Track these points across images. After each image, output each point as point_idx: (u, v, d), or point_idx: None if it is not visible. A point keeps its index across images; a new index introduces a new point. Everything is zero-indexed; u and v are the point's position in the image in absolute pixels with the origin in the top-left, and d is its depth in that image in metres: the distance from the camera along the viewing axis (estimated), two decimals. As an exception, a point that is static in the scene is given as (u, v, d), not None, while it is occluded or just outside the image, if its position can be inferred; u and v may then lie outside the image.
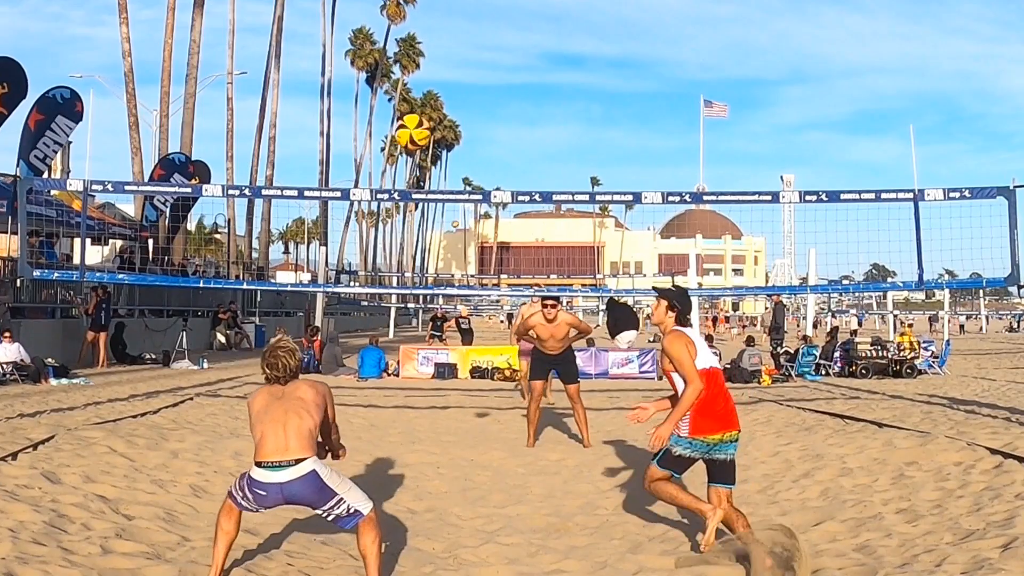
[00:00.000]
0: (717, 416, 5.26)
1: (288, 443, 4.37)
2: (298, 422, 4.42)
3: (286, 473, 4.35)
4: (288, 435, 4.38)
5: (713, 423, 5.24)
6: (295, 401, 4.49)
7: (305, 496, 4.42)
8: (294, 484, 4.37)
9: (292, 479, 4.36)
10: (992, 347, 35.42)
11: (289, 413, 4.44)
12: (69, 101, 20.74)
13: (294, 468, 4.36)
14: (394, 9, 61.16)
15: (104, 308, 18.84)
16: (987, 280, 12.55)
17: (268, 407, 4.48)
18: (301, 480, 4.36)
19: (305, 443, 4.41)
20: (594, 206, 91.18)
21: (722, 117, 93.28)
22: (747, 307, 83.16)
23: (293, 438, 4.38)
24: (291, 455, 4.36)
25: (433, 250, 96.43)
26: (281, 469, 4.36)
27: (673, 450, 5.24)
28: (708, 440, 5.24)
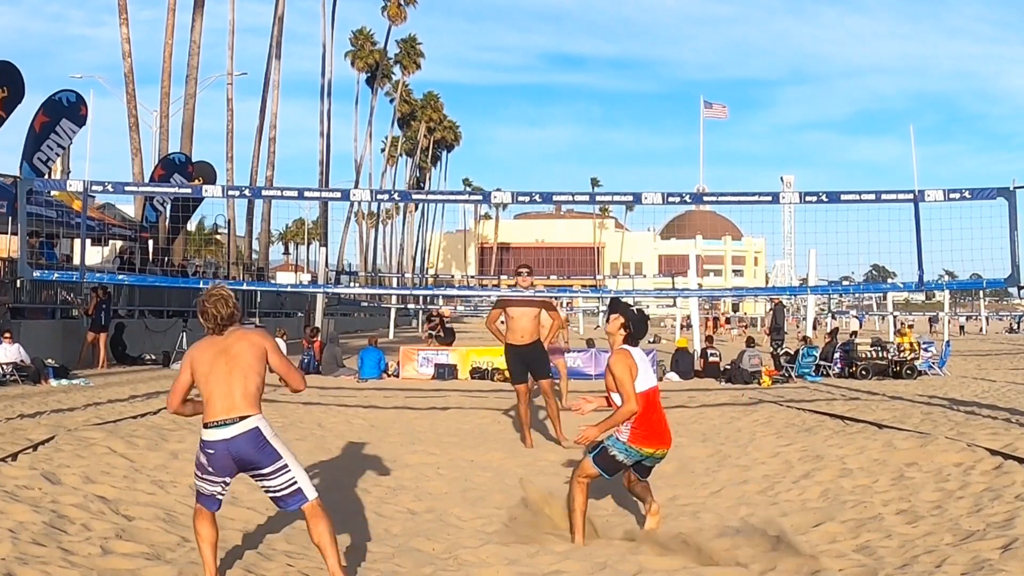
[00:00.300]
0: (653, 432, 5.60)
1: (234, 403, 4.46)
2: (243, 383, 4.50)
3: (231, 429, 4.43)
4: (234, 395, 4.47)
5: (650, 438, 5.59)
6: (237, 361, 4.54)
7: (250, 454, 4.45)
8: (238, 440, 4.43)
9: (236, 435, 4.43)
10: (992, 348, 35.42)
11: (233, 374, 4.51)
12: (74, 105, 20.75)
13: (238, 424, 4.44)
14: (395, 10, 61.19)
15: (104, 309, 18.85)
16: (987, 281, 12.54)
17: (213, 367, 4.52)
18: (245, 436, 4.43)
19: (250, 402, 4.50)
20: (594, 207, 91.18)
21: (722, 118, 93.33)
22: (747, 308, 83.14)
23: (239, 397, 4.47)
24: (236, 412, 4.45)
25: (433, 251, 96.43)
26: (226, 426, 4.43)
27: (610, 450, 5.57)
28: (643, 451, 5.60)
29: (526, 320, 9.39)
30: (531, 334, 9.40)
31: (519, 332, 9.40)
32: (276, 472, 4.48)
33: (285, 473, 4.49)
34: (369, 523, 6.21)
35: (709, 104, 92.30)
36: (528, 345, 9.39)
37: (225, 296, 4.70)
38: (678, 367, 19.51)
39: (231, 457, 4.45)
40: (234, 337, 4.62)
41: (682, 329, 31.74)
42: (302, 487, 4.51)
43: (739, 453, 8.78)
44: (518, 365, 9.47)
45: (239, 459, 4.47)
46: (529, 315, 9.40)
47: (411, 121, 79.43)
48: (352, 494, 7.03)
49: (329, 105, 49.20)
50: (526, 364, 9.45)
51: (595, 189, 79.93)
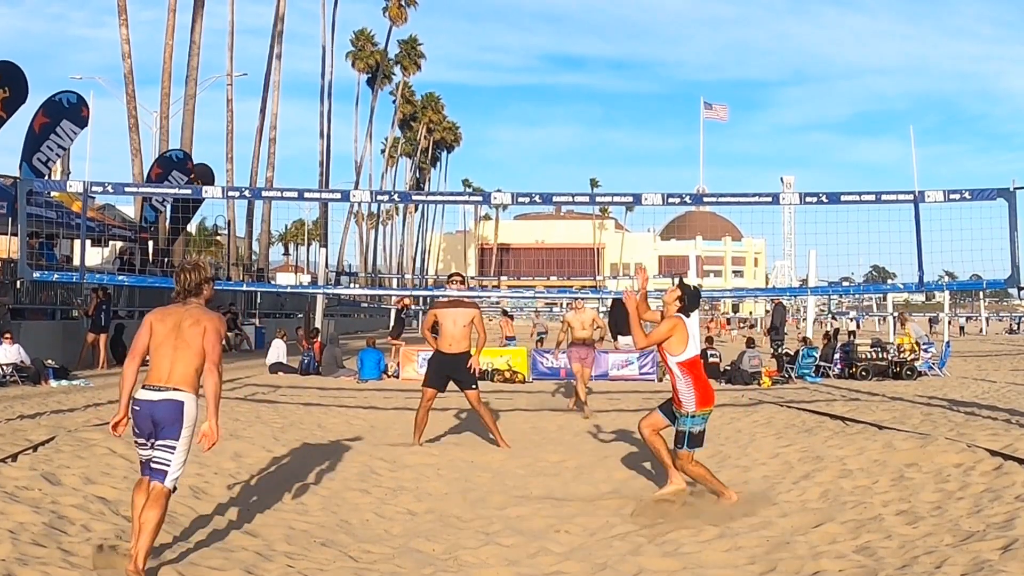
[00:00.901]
0: (707, 393, 6.68)
1: (170, 376, 4.85)
2: (184, 364, 4.87)
3: (160, 395, 4.83)
4: (174, 370, 4.86)
5: (706, 399, 6.65)
6: (185, 343, 4.90)
7: (164, 419, 4.79)
8: (161, 405, 4.81)
9: (162, 399, 4.81)
10: (992, 349, 35.42)
11: (178, 351, 4.89)
12: (75, 106, 20.74)
13: (169, 393, 4.82)
14: (396, 11, 61.21)
15: (104, 309, 18.85)
16: (987, 282, 12.55)
17: (164, 341, 4.92)
18: (168, 403, 4.81)
19: (185, 381, 4.86)
20: (594, 208, 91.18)
21: (721, 120, 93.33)
22: (747, 308, 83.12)
23: (177, 374, 4.85)
24: (169, 384, 4.84)
25: (433, 251, 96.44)
26: (158, 391, 4.83)
27: (691, 430, 6.56)
28: (706, 413, 6.65)
29: (456, 328, 9.46)
30: (460, 343, 9.45)
31: (448, 339, 9.47)
32: (166, 443, 4.80)
33: (169, 452, 4.80)
34: (369, 524, 6.21)
35: (709, 105, 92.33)
36: (456, 354, 9.44)
37: (198, 266, 5.15)
38: (678, 368, 19.49)
39: (151, 416, 4.80)
40: (190, 318, 4.96)
41: None
42: (168, 470, 4.81)
43: (739, 454, 8.77)
44: (438, 371, 9.53)
45: (156, 418, 4.80)
46: (459, 323, 9.46)
47: (412, 122, 79.46)
48: (352, 495, 7.03)
49: (329, 106, 49.26)
50: (449, 373, 9.49)
51: (594, 190, 79.99)
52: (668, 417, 6.80)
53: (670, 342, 6.59)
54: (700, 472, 6.60)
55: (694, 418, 6.56)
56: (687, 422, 6.57)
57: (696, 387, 6.58)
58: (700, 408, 6.57)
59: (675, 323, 6.60)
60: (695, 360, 6.66)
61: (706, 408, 6.62)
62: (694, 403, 6.55)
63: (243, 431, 10.15)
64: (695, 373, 6.63)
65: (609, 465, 8.44)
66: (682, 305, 6.68)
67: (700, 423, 6.59)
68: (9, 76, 18.33)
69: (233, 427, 10.41)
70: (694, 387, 6.57)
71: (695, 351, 6.67)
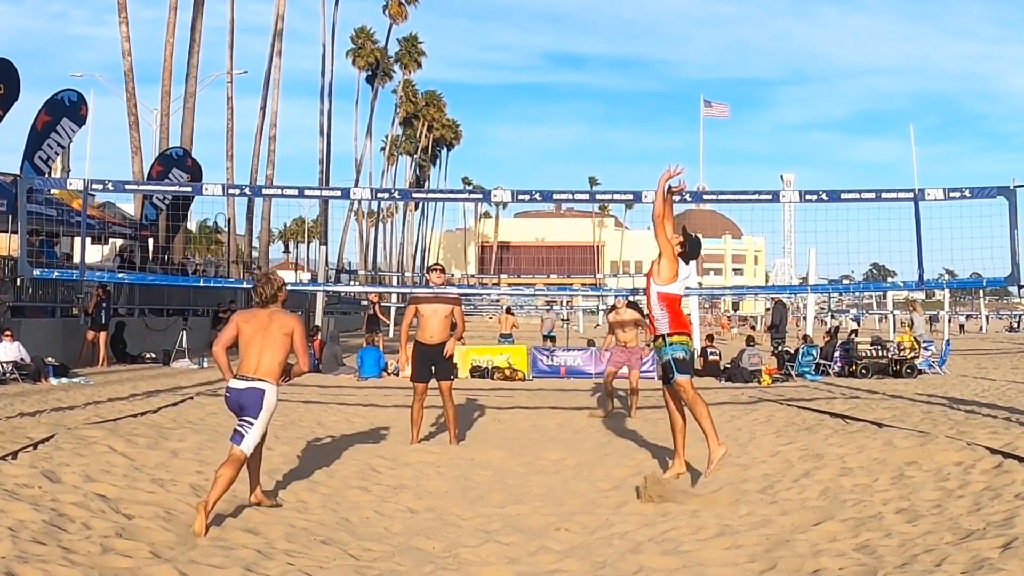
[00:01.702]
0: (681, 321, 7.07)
1: (259, 368, 6.05)
2: (269, 357, 6.06)
3: (247, 384, 6.04)
4: (261, 362, 6.05)
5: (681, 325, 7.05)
6: (270, 341, 6.08)
7: (249, 403, 6.01)
8: (247, 392, 6.02)
9: (247, 388, 6.03)
10: (992, 347, 35.42)
11: (264, 349, 6.07)
12: (75, 104, 20.76)
13: (254, 383, 6.03)
14: (396, 8, 61.14)
15: (104, 307, 18.86)
16: (987, 280, 12.55)
17: (252, 339, 6.11)
18: (252, 391, 6.01)
19: (268, 372, 6.05)
20: (594, 205, 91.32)
21: (723, 117, 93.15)
22: (747, 307, 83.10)
23: (263, 367, 6.04)
24: (257, 375, 6.04)
25: (433, 249, 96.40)
26: (246, 381, 6.04)
27: (675, 356, 6.92)
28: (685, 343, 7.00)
29: (436, 320, 9.50)
30: (440, 334, 9.49)
31: (428, 331, 9.50)
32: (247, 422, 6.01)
33: (249, 428, 6.00)
34: (369, 521, 6.21)
35: (709, 103, 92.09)
36: (435, 345, 9.48)
37: (270, 279, 6.36)
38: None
39: (238, 402, 6.05)
40: (275, 319, 6.16)
41: None
42: (246, 437, 5.97)
43: (739, 452, 8.78)
44: (422, 364, 9.54)
45: (241, 403, 6.03)
46: (439, 315, 9.50)
47: (413, 120, 79.42)
48: (352, 493, 7.04)
49: (330, 104, 49.17)
50: (430, 363, 9.51)
51: (594, 188, 79.93)
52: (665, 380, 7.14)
53: (659, 268, 7.04)
54: (700, 406, 6.85)
55: (672, 345, 6.94)
56: (667, 350, 6.95)
57: (671, 316, 6.97)
58: (674, 330, 6.94)
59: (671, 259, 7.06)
60: (676, 297, 7.07)
61: (680, 332, 6.96)
62: (667, 325, 6.96)
63: (243, 429, 10.15)
64: (672, 308, 7.01)
65: (609, 463, 8.44)
66: (683, 250, 7.13)
67: (680, 349, 6.93)
68: (4, 73, 18.31)
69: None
70: (668, 316, 6.97)
71: (678, 291, 7.09)
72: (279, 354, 6.07)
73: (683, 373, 6.94)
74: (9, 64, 18.45)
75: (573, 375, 19.51)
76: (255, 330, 6.10)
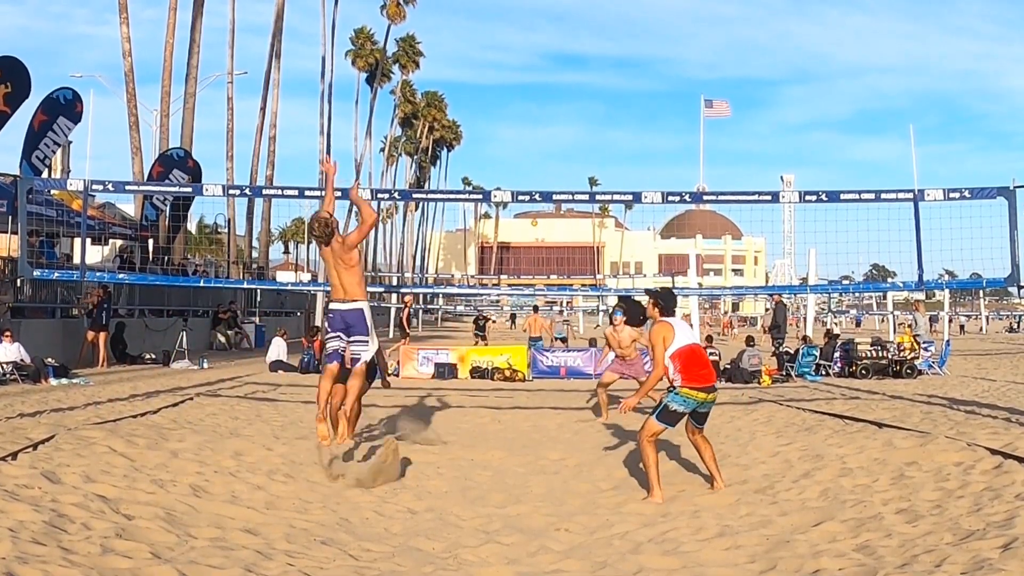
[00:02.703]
0: (699, 374, 6.87)
1: (347, 291, 7.68)
2: (348, 279, 7.66)
3: (345, 305, 7.69)
4: (346, 287, 7.66)
5: (696, 378, 6.85)
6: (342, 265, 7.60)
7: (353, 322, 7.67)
8: (350, 313, 7.68)
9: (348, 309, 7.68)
10: (992, 347, 35.41)
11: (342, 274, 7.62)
12: (71, 102, 20.76)
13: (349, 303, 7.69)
14: (394, 9, 61.09)
15: (105, 308, 18.85)
16: (987, 280, 12.54)
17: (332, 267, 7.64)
18: (354, 312, 7.67)
19: (355, 291, 7.70)
20: (594, 206, 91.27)
21: (724, 116, 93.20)
22: (747, 307, 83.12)
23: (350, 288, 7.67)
24: (349, 297, 7.68)
25: (433, 250, 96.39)
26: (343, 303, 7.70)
27: (670, 405, 6.87)
28: (696, 397, 6.86)
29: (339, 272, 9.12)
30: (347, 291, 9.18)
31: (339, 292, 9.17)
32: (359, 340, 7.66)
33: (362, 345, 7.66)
34: (369, 522, 6.21)
35: (709, 103, 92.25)
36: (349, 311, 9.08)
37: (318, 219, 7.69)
38: (678, 366, 19.48)
39: (343, 321, 7.66)
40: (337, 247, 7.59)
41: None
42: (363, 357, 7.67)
43: (739, 452, 8.78)
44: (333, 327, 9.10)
45: (348, 322, 7.66)
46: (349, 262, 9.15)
47: (413, 120, 79.40)
48: (352, 493, 7.03)
49: (329, 104, 49.19)
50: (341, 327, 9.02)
51: (594, 188, 79.92)
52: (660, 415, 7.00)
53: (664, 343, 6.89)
54: (648, 452, 6.87)
55: (676, 394, 6.86)
56: (669, 396, 6.92)
57: (684, 370, 6.83)
58: (686, 383, 6.82)
59: (661, 327, 6.96)
60: (683, 349, 6.87)
61: (693, 387, 6.82)
62: (680, 379, 6.85)
63: (243, 429, 10.16)
64: (684, 360, 6.85)
65: (609, 463, 8.44)
66: (662, 309, 7.14)
67: (681, 402, 6.85)
68: (10, 71, 18.30)
69: (233, 426, 10.42)
70: (682, 370, 6.84)
71: (685, 341, 6.92)
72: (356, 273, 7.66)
73: (659, 418, 6.88)
74: (16, 62, 18.45)
75: (573, 375, 19.51)
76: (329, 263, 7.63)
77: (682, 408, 6.87)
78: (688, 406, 6.88)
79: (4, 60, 18.37)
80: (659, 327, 6.96)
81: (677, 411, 6.88)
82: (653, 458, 6.88)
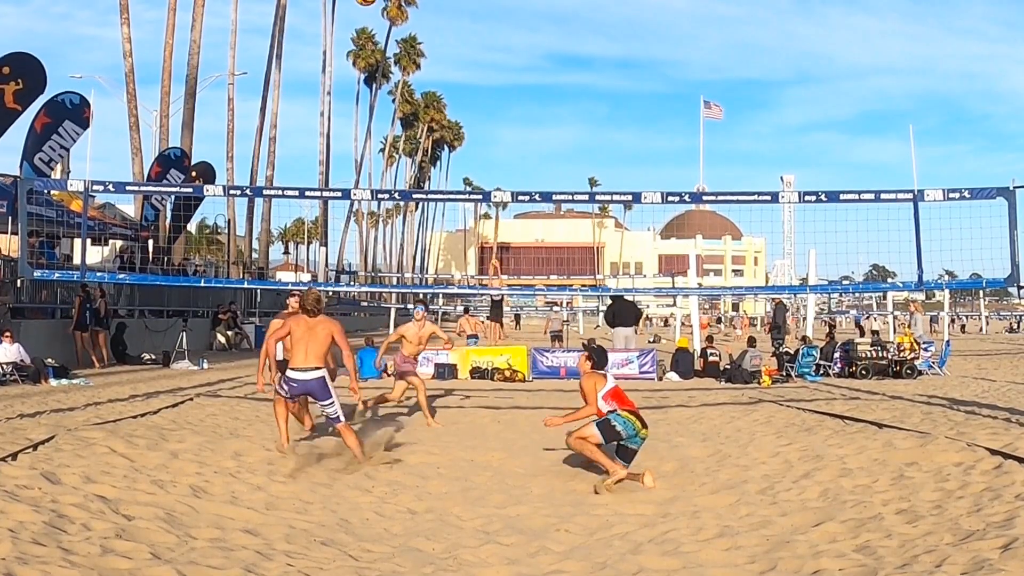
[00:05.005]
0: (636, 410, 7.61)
1: (309, 359, 7.98)
2: (317, 349, 7.99)
3: (307, 374, 7.99)
4: (310, 354, 7.99)
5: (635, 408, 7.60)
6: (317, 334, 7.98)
7: (314, 391, 8.05)
8: (312, 383, 8.00)
9: (309, 379, 8.00)
10: (992, 348, 35.40)
11: (311, 343, 7.96)
12: (78, 107, 20.69)
13: (311, 372, 7.99)
14: (395, 11, 61.13)
15: (88, 308, 18.72)
16: (987, 281, 12.54)
17: (303, 336, 7.97)
18: (314, 381, 7.99)
19: (320, 361, 8.00)
20: (594, 207, 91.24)
21: (717, 119, 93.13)
22: (747, 308, 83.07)
23: (313, 357, 7.98)
24: (310, 365, 7.98)
25: (433, 250, 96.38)
26: (305, 372, 7.98)
27: (611, 421, 7.39)
28: (634, 425, 7.45)
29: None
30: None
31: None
32: (327, 405, 8.01)
33: (332, 406, 7.99)
34: (369, 523, 6.21)
35: (708, 104, 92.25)
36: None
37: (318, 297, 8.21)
38: (678, 367, 19.51)
39: (302, 389, 8.07)
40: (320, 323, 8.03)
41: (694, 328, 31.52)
42: (338, 416, 7.99)
43: (739, 453, 8.78)
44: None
45: (307, 391, 8.10)
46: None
47: (414, 121, 79.41)
48: (352, 494, 7.04)
49: (329, 105, 49.23)
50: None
51: (593, 189, 79.93)
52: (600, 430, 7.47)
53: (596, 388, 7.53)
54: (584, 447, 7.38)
55: (618, 415, 7.41)
56: (612, 414, 7.42)
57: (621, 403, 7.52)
58: (623, 407, 7.47)
59: (591, 378, 7.61)
60: (613, 390, 7.55)
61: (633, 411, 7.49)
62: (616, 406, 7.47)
63: (243, 430, 10.16)
64: (617, 397, 7.54)
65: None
66: (593, 364, 7.72)
67: (622, 423, 7.38)
68: (22, 67, 18.23)
69: (233, 426, 10.42)
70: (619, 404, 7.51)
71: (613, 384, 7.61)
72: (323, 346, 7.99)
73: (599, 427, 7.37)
74: (28, 58, 18.36)
75: (573, 376, 19.49)
76: (304, 331, 7.97)
77: (621, 428, 7.37)
78: (627, 428, 7.39)
79: (13, 57, 18.27)
80: (591, 376, 7.63)
81: (616, 429, 7.36)
82: (591, 448, 7.34)
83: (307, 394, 8.11)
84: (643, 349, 20.85)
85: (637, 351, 20.01)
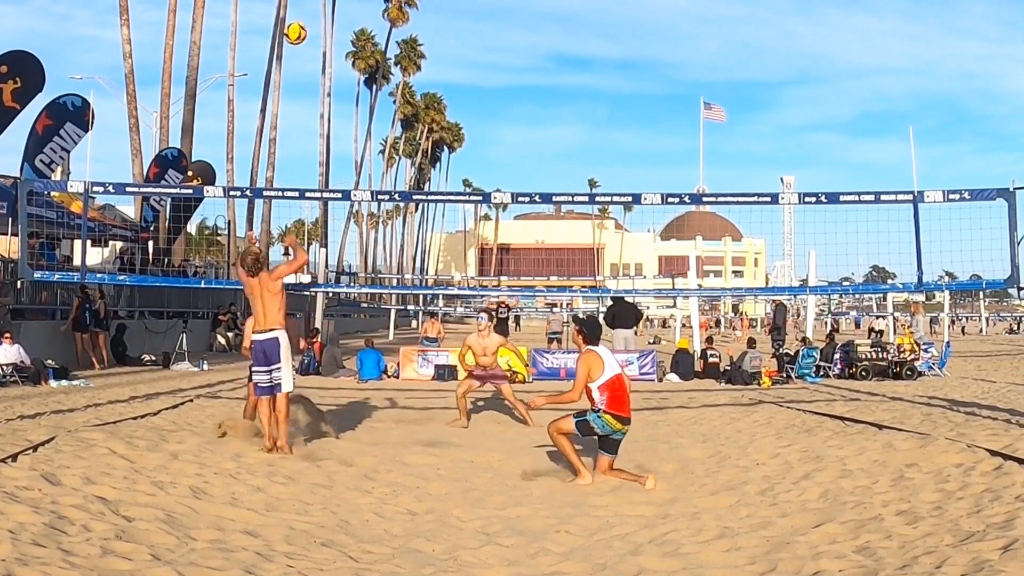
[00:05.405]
0: (620, 403, 7.37)
1: (268, 321, 8.24)
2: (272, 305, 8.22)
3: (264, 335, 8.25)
4: (268, 316, 8.23)
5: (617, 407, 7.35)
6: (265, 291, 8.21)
7: (270, 350, 8.18)
8: (267, 342, 8.20)
9: (267, 339, 8.23)
10: (992, 349, 35.41)
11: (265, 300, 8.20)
12: (80, 109, 20.71)
13: (267, 333, 8.25)
14: (396, 12, 61.15)
15: (87, 309, 18.73)
16: (987, 282, 12.55)
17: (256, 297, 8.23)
18: (270, 340, 8.21)
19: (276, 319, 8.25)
20: (594, 208, 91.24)
21: (719, 120, 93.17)
22: (747, 308, 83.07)
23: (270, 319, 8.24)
24: (268, 327, 8.25)
25: (433, 252, 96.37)
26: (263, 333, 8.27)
27: (589, 420, 7.38)
28: (612, 425, 7.37)
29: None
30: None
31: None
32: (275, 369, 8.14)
33: (279, 372, 8.14)
34: (369, 524, 6.21)
35: (708, 105, 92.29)
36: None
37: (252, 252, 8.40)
38: (678, 368, 19.52)
39: (262, 349, 8.19)
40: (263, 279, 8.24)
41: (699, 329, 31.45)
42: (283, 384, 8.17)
43: (739, 454, 8.78)
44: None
45: (264, 351, 8.18)
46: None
47: (414, 122, 79.42)
48: (352, 495, 7.03)
49: (329, 106, 49.26)
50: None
51: (593, 190, 79.94)
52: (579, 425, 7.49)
53: (590, 375, 7.35)
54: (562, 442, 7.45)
55: (598, 416, 7.35)
56: (591, 414, 7.39)
57: (610, 399, 7.33)
58: (609, 410, 7.32)
59: (587, 357, 7.43)
60: (612, 380, 7.36)
61: (614, 414, 7.32)
62: (604, 404, 7.33)
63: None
64: (612, 390, 7.34)
65: (609, 465, 8.42)
66: (586, 337, 7.50)
67: (600, 425, 7.37)
68: (20, 66, 18.22)
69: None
70: (608, 401, 7.34)
71: (612, 372, 7.38)
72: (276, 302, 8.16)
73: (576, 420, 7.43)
74: (26, 56, 18.35)
75: (573, 377, 19.50)
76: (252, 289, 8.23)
77: (598, 429, 7.37)
78: (604, 430, 7.38)
79: (12, 55, 18.26)
80: (587, 356, 7.41)
81: (593, 428, 7.39)
82: (568, 446, 7.42)
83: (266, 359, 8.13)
84: (643, 350, 20.85)
85: (637, 352, 20.01)
